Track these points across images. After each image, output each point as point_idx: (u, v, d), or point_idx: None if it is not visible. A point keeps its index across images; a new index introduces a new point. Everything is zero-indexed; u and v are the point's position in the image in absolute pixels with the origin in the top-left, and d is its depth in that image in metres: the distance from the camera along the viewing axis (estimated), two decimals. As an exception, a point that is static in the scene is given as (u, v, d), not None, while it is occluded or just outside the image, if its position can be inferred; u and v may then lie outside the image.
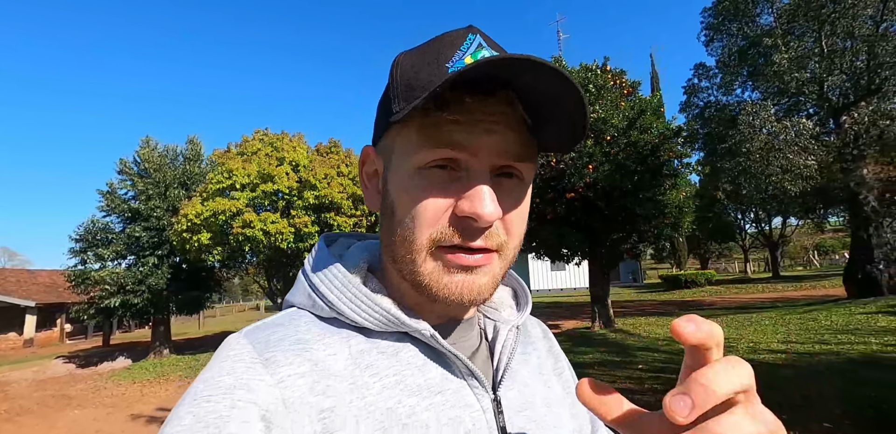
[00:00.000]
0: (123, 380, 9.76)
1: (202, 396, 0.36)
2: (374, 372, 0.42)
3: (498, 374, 0.49)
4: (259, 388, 0.37)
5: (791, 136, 10.24)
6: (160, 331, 13.14)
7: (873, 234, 11.14)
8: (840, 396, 4.56)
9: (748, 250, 31.07)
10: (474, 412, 0.44)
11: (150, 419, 6.25)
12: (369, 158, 0.50)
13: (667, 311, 14.53)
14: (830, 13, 10.70)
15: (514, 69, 0.37)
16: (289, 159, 11.26)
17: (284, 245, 10.41)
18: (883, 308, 9.98)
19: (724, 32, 12.96)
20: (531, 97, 0.41)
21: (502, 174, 0.42)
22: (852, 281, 11.56)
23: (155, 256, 12.41)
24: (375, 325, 0.43)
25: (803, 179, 10.27)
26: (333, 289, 0.44)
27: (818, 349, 6.82)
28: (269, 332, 0.43)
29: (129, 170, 13.18)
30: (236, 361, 0.39)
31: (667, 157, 8.93)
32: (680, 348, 0.28)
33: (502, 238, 0.42)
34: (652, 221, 9.05)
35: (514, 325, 0.53)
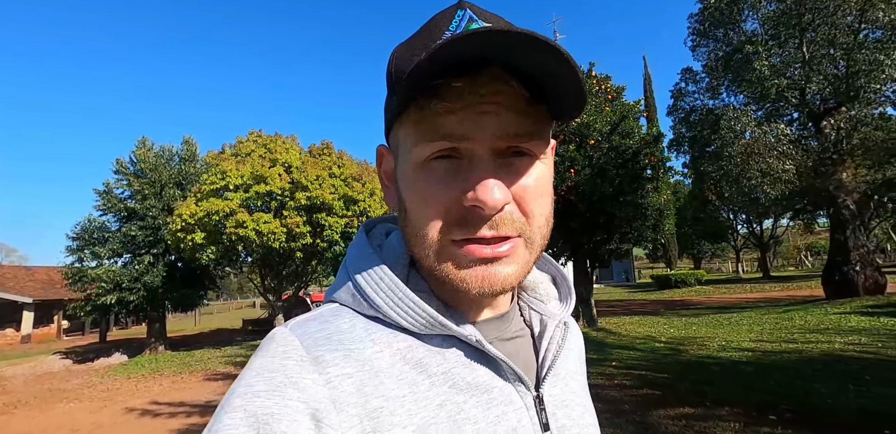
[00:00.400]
0: (119, 375, 10.03)
1: (254, 391, 0.36)
2: (423, 369, 0.42)
3: (542, 371, 0.49)
4: (309, 387, 0.37)
5: (770, 141, 10.53)
6: (155, 328, 13.41)
7: (850, 237, 11.45)
8: (785, 391, 4.86)
9: (740, 251, 31.42)
10: (518, 409, 0.44)
11: (144, 412, 6.51)
12: (384, 157, 0.50)
13: (654, 310, 14.81)
14: (811, 21, 10.98)
15: (492, 44, 0.35)
16: (281, 161, 11.51)
17: (277, 245, 10.68)
18: (856, 309, 10.29)
19: (711, 38, 13.25)
20: (521, 68, 0.38)
21: (513, 154, 0.41)
22: (830, 282, 11.88)
23: (150, 255, 12.67)
24: (420, 328, 0.43)
25: (782, 183, 10.56)
26: (379, 292, 0.44)
27: (784, 348, 7.11)
28: (315, 328, 0.43)
29: (126, 170, 13.43)
30: (286, 358, 0.39)
31: (647, 162, 9.20)
32: (654, 346, 0.51)
33: (519, 222, 0.41)
34: (633, 223, 9.33)
35: (561, 321, 0.53)
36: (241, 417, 0.35)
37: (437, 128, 0.39)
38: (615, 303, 18.61)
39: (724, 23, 12.67)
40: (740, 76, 11.47)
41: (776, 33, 11.90)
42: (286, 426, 0.35)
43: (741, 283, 23.09)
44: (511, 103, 0.39)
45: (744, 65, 11.10)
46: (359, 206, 11.72)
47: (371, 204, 11.97)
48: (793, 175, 10.48)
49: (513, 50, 0.35)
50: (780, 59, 11.85)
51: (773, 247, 33.21)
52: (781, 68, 11.08)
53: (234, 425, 0.34)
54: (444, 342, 0.45)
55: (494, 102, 0.39)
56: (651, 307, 15.85)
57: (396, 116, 0.42)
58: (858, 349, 6.59)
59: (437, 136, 0.39)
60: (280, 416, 0.35)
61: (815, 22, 10.82)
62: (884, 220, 24.29)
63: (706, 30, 13.13)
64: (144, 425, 5.83)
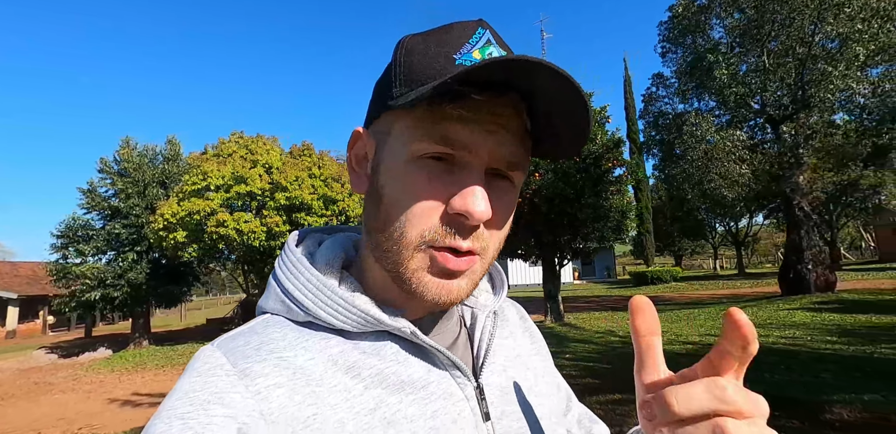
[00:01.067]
0: (102, 369, 10.40)
1: (177, 414, 0.35)
2: (356, 373, 0.42)
3: (479, 361, 0.49)
4: (235, 402, 0.36)
5: (729, 147, 11.11)
6: (140, 323, 13.75)
7: (805, 237, 12.11)
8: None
9: (718, 248, 32.34)
10: (458, 401, 0.45)
11: (125, 402, 6.94)
12: (360, 141, 0.48)
13: (625, 306, 15.33)
14: (769, 32, 11.54)
15: (528, 73, 0.36)
16: (262, 162, 11.87)
17: (257, 243, 11.07)
18: (805, 305, 10.96)
19: (680, 45, 13.76)
20: (536, 103, 0.41)
21: (496, 175, 0.43)
22: (785, 280, 12.55)
23: (134, 252, 12.99)
24: (354, 326, 0.43)
25: (739, 186, 11.16)
26: (308, 293, 0.43)
27: (724, 341, 7.70)
28: (243, 341, 0.42)
29: (110, 169, 13.69)
30: (210, 375, 0.38)
31: (609, 166, 9.73)
32: (610, 340, 0.74)
33: (486, 240, 0.42)
34: (595, 225, 9.87)
35: (491, 311, 0.53)
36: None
37: (442, 130, 0.39)
38: (592, 298, 19.18)
39: (693, 31, 13.18)
40: (703, 83, 12.02)
41: (741, 42, 12.45)
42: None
43: (716, 280, 23.84)
44: (515, 130, 0.41)
45: (706, 72, 11.65)
46: (338, 206, 12.13)
47: (350, 204, 12.38)
48: (749, 179, 11.07)
49: (545, 83, 0.37)
50: (746, 66, 12.42)
51: (750, 244, 34.25)
52: (741, 76, 11.64)
53: None
54: (378, 338, 0.45)
55: (503, 125, 0.40)
56: (623, 303, 16.41)
57: (396, 107, 0.40)
58: (789, 342, 7.19)
59: (440, 140, 0.40)
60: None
61: (773, 33, 11.37)
62: (851, 218, 25.28)
63: (675, 37, 13.63)
64: (126, 414, 6.27)
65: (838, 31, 10.39)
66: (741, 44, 12.41)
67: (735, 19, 12.60)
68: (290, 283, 0.45)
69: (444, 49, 0.41)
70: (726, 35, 12.79)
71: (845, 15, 10.16)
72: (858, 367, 5.32)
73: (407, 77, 0.41)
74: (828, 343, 6.87)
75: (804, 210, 12.20)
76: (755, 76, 11.44)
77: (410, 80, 0.41)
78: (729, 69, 11.35)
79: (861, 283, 15.40)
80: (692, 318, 10.61)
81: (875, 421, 3.79)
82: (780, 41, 11.44)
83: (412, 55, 0.41)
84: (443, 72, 0.39)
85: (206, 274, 16.51)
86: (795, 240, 12.26)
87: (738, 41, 12.50)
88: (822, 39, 11.07)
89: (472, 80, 0.37)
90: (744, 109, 12.33)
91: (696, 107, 13.45)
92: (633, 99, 23.67)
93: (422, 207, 0.40)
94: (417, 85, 0.40)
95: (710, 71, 11.45)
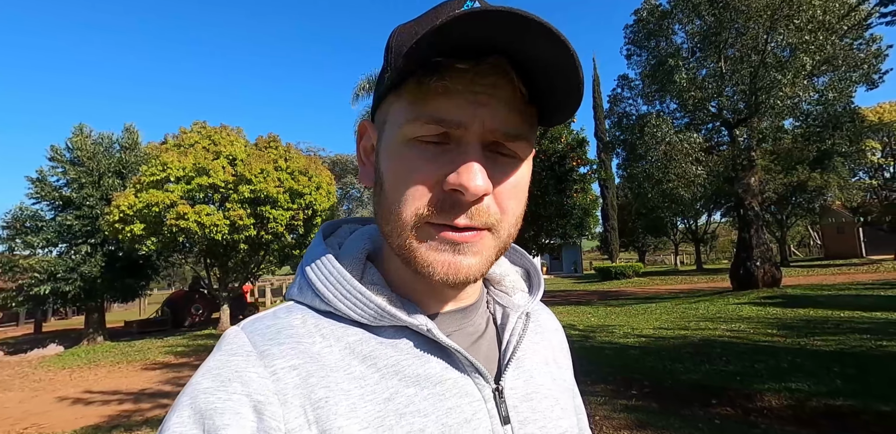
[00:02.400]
0: (53, 366, 9.98)
1: (201, 388, 0.38)
2: (373, 362, 0.42)
3: (503, 362, 0.49)
4: (253, 381, 0.39)
5: (686, 148, 11.61)
6: (94, 318, 13.22)
7: (754, 236, 12.82)
8: (652, 370, 5.73)
9: (678, 244, 33.69)
10: (474, 401, 0.44)
11: (76, 401, 6.70)
12: (366, 133, 0.49)
13: (588, 300, 15.87)
14: (727, 39, 12.07)
15: (510, 28, 0.34)
16: (226, 153, 11.57)
17: (219, 236, 10.81)
18: (753, 299, 11.64)
19: (644, 48, 14.20)
20: (525, 63, 0.38)
21: (499, 152, 0.41)
22: (736, 276, 13.29)
23: (88, 245, 12.44)
24: (370, 320, 0.44)
25: (694, 186, 11.70)
26: (328, 284, 0.45)
27: (675, 334, 8.11)
28: (265, 325, 0.44)
29: (61, 157, 13.00)
30: (233, 355, 0.41)
31: (573, 165, 10.00)
32: (570, 334, 0.73)
33: (494, 216, 0.41)
34: (558, 221, 10.14)
35: (523, 312, 0.53)
36: (187, 415, 0.37)
37: (432, 110, 0.38)
38: (558, 293, 19.64)
39: (656, 35, 13.63)
40: (665, 87, 12.48)
41: (702, 47, 12.98)
42: (228, 418, 0.36)
43: (675, 275, 24.87)
44: (508, 98, 0.39)
45: (668, 76, 12.09)
46: (304, 200, 11.97)
47: (317, 197, 12.24)
48: (704, 180, 11.62)
49: (524, 35, 0.34)
50: (706, 71, 12.96)
51: (709, 241, 35.83)
52: (700, 81, 12.15)
53: (181, 423, 0.37)
54: (397, 334, 0.45)
55: (493, 95, 0.38)
56: (587, 297, 16.92)
57: (390, 90, 0.41)
58: (733, 335, 7.66)
59: (430, 120, 0.39)
60: (223, 410, 0.37)
61: (730, 40, 11.90)
62: (800, 218, 26.83)
63: (640, 40, 14.05)
64: (75, 412, 6.07)
65: (788, 41, 10.99)
66: (701, 49, 12.93)
67: (695, 25, 13.11)
68: (313, 273, 0.46)
69: (433, 21, 0.39)
70: (687, 40, 13.29)
71: (794, 26, 10.74)
72: (790, 358, 5.75)
73: (396, 60, 0.41)
74: (767, 335, 7.35)
75: (754, 210, 12.90)
76: (712, 81, 11.96)
77: (399, 62, 0.39)
78: (688, 73, 11.82)
79: (805, 279, 16.44)
80: (649, 312, 11.09)
81: (796, 407, 4.14)
82: (736, 48, 11.99)
83: (403, 40, 0.41)
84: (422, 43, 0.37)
85: (165, 267, 15.99)
86: (746, 238, 12.96)
87: (698, 47, 13.02)
88: (774, 48, 11.66)
89: (452, 49, 0.36)
90: (702, 113, 12.88)
91: (659, 109, 13.97)
92: (601, 99, 24.22)
93: (416, 186, 0.40)
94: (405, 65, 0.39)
95: (671, 74, 11.89)
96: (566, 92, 0.39)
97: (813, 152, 13.91)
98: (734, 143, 12.79)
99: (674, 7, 12.67)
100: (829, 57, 11.15)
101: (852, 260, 24.34)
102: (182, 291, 17.04)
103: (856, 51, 12.04)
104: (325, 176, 12.97)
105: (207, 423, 0.36)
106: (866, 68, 12.16)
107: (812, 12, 10.55)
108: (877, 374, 4.78)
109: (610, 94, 15.29)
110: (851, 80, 12.28)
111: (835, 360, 5.43)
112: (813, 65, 10.97)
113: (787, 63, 10.94)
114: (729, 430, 3.72)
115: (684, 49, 13.16)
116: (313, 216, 12.36)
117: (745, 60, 11.92)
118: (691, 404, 4.42)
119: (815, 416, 3.84)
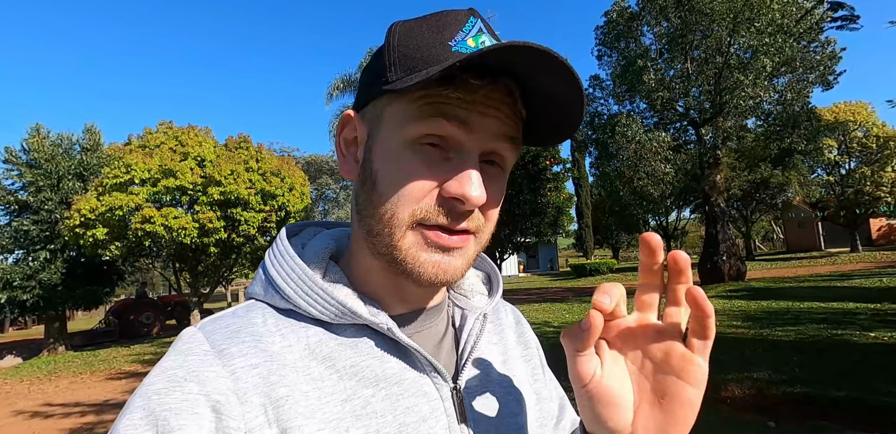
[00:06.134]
0: (10, 378, 9.49)
1: (154, 389, 0.37)
2: (331, 364, 0.42)
3: (461, 362, 0.49)
4: (210, 380, 0.38)
5: (655, 147, 11.93)
6: (55, 327, 12.65)
7: (720, 231, 13.27)
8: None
9: (650, 241, 34.47)
10: (432, 400, 0.45)
11: (34, 414, 6.38)
12: (350, 124, 0.48)
13: (563, 297, 16.11)
14: (692, 41, 12.44)
15: (527, 61, 0.37)
16: (194, 154, 11.23)
17: (188, 240, 10.49)
18: (720, 292, 12.04)
19: (614, 49, 14.51)
20: (531, 91, 0.41)
21: (487, 162, 0.43)
22: (703, 270, 13.73)
23: (47, 251, 11.89)
24: (331, 318, 0.44)
25: (663, 184, 12.02)
26: (290, 281, 0.44)
27: (645, 328, 8.32)
28: (224, 324, 0.43)
29: (17, 159, 12.38)
30: (189, 354, 0.40)
31: (546, 164, 10.14)
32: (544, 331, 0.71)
33: (480, 222, 0.43)
34: (533, 219, 10.26)
35: (481, 313, 0.54)
36: (140, 416, 0.36)
37: (441, 108, 0.40)
38: (534, 291, 19.86)
39: (626, 36, 13.94)
40: (634, 87, 12.77)
41: (669, 49, 13.34)
42: (185, 419, 0.35)
43: (647, 271, 25.46)
44: (510, 116, 0.42)
45: (637, 76, 12.38)
46: (277, 201, 11.73)
47: (290, 198, 12.02)
48: (672, 177, 11.95)
49: (545, 70, 0.38)
50: (673, 71, 13.33)
51: (679, 237, 36.88)
52: (667, 82, 12.49)
53: (133, 425, 0.35)
54: (358, 332, 0.45)
55: (499, 111, 0.41)
56: (563, 294, 17.17)
57: (396, 91, 0.40)
58: (700, 328, 7.90)
59: (436, 126, 0.40)
60: (179, 411, 0.36)
61: (695, 42, 12.27)
62: (764, 213, 27.92)
63: (610, 41, 14.34)
64: (32, 426, 5.79)
65: (750, 44, 11.41)
66: (669, 50, 13.30)
67: (663, 27, 13.47)
68: (275, 270, 0.46)
69: (440, 36, 0.41)
70: (655, 42, 13.64)
71: (755, 29, 11.16)
72: (753, 348, 5.97)
73: (402, 62, 0.41)
74: (732, 327, 7.61)
75: (720, 206, 13.35)
76: (679, 82, 12.31)
77: (406, 65, 0.40)
78: (656, 74, 12.13)
79: (769, 272, 17.13)
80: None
81: (757, 395, 4.30)
82: (701, 50, 12.38)
83: (407, 40, 0.42)
84: (440, 58, 0.39)
85: (132, 272, 15.43)
86: (713, 233, 13.41)
87: (666, 48, 13.38)
88: (736, 50, 12.09)
89: (469, 69, 0.39)
90: (669, 112, 13.25)
91: (629, 108, 14.30)
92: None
93: (415, 189, 0.41)
94: (415, 70, 0.40)
95: (640, 75, 12.18)
96: (568, 122, 0.43)
97: (774, 150, 14.50)
98: (700, 142, 13.20)
99: (642, 9, 12.99)
100: (788, 59, 11.63)
101: (812, 253, 25.51)
102: (129, 300, 16.46)
103: (812, 53, 12.59)
104: (299, 177, 12.75)
105: (161, 425, 0.35)
106: (822, 70, 12.74)
107: (771, 16, 10.98)
108: (832, 362, 5.01)
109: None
110: (809, 81, 12.85)
111: (794, 350, 5.67)
112: (773, 66, 11.42)
113: (748, 64, 11.36)
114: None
115: (652, 50, 13.49)
116: (286, 218, 12.13)
117: (709, 62, 12.31)
118: (659, 396, 4.53)
119: (775, 404, 4.00)
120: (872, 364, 4.78)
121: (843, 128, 23.10)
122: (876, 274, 12.84)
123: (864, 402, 3.78)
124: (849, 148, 24.65)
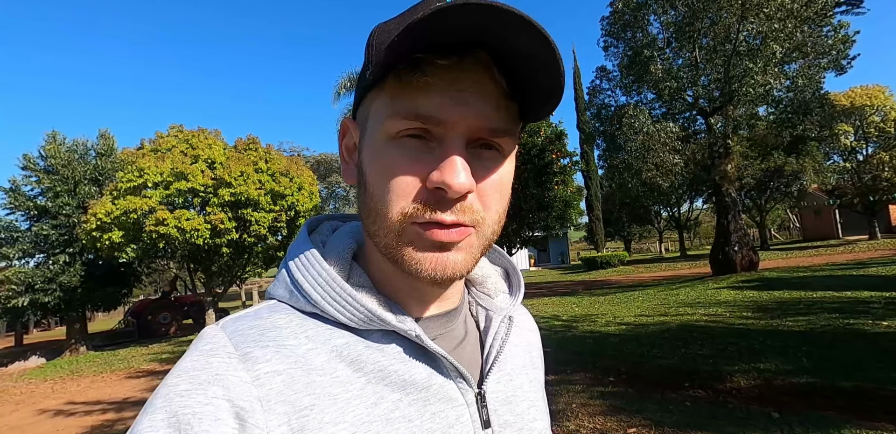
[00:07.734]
0: (34, 378, 9.83)
1: (177, 391, 0.36)
2: (359, 367, 0.42)
3: (486, 366, 0.49)
4: (234, 385, 0.37)
5: (664, 138, 11.78)
6: (76, 328, 13.02)
7: (731, 222, 13.08)
8: (630, 357, 5.86)
9: (662, 232, 34.17)
10: (458, 406, 0.45)
11: (57, 412, 6.62)
12: (348, 132, 0.49)
13: (573, 291, 16.07)
14: (700, 29, 12.22)
15: (483, 19, 0.34)
16: (204, 157, 11.41)
17: (201, 241, 10.70)
18: (731, 283, 11.90)
19: (621, 39, 14.30)
20: (506, 59, 0.38)
21: (482, 147, 0.41)
22: (715, 261, 13.56)
23: (66, 254, 12.22)
24: (358, 324, 0.43)
25: (672, 175, 11.87)
26: (316, 286, 0.43)
27: (655, 320, 8.27)
28: (247, 325, 0.42)
29: (35, 166, 12.71)
30: (212, 356, 0.38)
31: (552, 157, 10.07)
32: (554, 324, 0.70)
33: (479, 213, 0.40)
34: (539, 214, 10.23)
35: (506, 315, 0.53)
36: (161, 418, 0.34)
37: (414, 106, 0.38)
38: (544, 284, 19.81)
39: (632, 26, 13.72)
40: (641, 77, 12.61)
41: (677, 38, 13.11)
42: (208, 425, 0.34)
43: (660, 263, 25.27)
44: (490, 94, 0.39)
45: (644, 67, 12.21)
46: (286, 201, 11.88)
47: (299, 198, 12.16)
48: (681, 168, 11.79)
49: (506, 28, 0.34)
50: (681, 60, 13.11)
51: (692, 228, 36.41)
52: (675, 71, 12.30)
53: (154, 427, 0.34)
54: (384, 338, 0.44)
55: (475, 90, 0.38)
56: (573, 287, 17.10)
57: (371, 87, 0.40)
58: (710, 319, 7.83)
59: (412, 115, 0.38)
60: (202, 415, 0.35)
61: (703, 30, 12.05)
62: (779, 202, 27.40)
63: (616, 32, 14.14)
64: (56, 424, 6.01)
65: (759, 30, 11.16)
66: (676, 39, 13.07)
67: (670, 16, 13.22)
68: (300, 273, 0.45)
69: (408, 21, 0.38)
70: (662, 31, 13.42)
71: (764, 15, 10.91)
72: (761, 339, 5.92)
73: (376, 57, 0.40)
74: (742, 318, 7.55)
75: (731, 196, 13.15)
76: (687, 71, 12.12)
77: (380, 57, 0.39)
78: (664, 64, 11.96)
79: (783, 262, 16.84)
80: (632, 300, 11.27)
81: (763, 386, 4.28)
82: (709, 38, 12.15)
83: (381, 36, 0.40)
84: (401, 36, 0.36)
85: (149, 273, 15.79)
86: (724, 223, 13.22)
87: (673, 37, 13.15)
88: (745, 37, 11.85)
89: (433, 46, 0.36)
90: (678, 102, 13.05)
91: (637, 99, 14.12)
92: (582, 91, 24.32)
93: (400, 185, 0.39)
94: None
95: (647, 65, 12.01)
96: (547, 85, 0.39)
97: (786, 138, 14.21)
98: (710, 131, 12.99)
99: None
100: (799, 44, 11.36)
101: (830, 241, 24.98)
102: (148, 300, 16.81)
103: (824, 37, 12.27)
104: (307, 176, 12.89)
105: (184, 428, 0.34)
106: (835, 54, 12.41)
107: (780, 1, 10.72)
108: (842, 352, 4.96)
109: (589, 85, 15.40)
110: (821, 66, 12.53)
111: (804, 340, 5.61)
112: (783, 52, 11.17)
113: (758, 51, 11.12)
114: (698, 411, 3.84)
115: (659, 40, 13.28)
116: (296, 217, 12.29)
117: (718, 50, 12.08)
118: (665, 388, 4.54)
119: (780, 394, 3.98)
120: (884, 354, 4.72)
121: (859, 113, 22.50)
122: (894, 261, 12.56)
123: (873, 392, 3.75)
124: (866, 133, 24.01)
